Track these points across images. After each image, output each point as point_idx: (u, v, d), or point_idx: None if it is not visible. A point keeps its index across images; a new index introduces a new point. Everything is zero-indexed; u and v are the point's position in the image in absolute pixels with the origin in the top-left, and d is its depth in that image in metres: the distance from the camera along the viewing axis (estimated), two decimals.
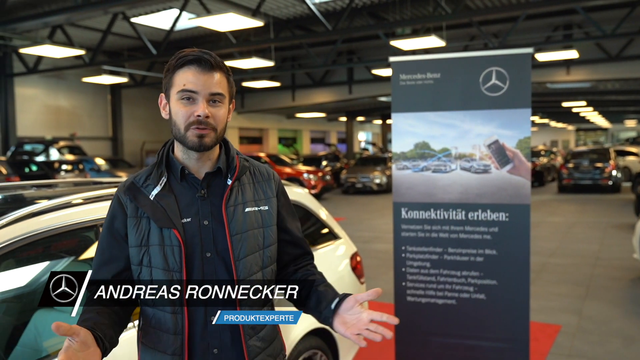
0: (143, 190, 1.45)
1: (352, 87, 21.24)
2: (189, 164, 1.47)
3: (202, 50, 1.42)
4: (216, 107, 1.42)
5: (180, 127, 1.41)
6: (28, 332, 1.91)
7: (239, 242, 1.43)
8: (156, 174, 1.47)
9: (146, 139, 22.33)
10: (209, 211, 1.44)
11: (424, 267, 3.37)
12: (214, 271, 1.42)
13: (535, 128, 47.14)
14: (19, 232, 1.79)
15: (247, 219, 1.46)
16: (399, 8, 13.33)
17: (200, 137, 1.39)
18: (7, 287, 1.94)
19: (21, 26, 11.42)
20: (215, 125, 1.41)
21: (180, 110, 1.40)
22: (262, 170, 1.58)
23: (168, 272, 1.39)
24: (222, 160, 1.49)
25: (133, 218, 1.43)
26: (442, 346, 3.37)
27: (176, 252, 1.39)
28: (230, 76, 1.47)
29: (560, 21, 15.44)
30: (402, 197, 3.40)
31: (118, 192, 1.49)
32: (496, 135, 3.21)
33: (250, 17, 10.32)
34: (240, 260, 1.43)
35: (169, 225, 1.40)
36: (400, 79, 3.36)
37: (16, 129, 17.51)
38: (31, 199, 2.37)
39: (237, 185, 1.49)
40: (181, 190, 1.46)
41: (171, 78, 1.42)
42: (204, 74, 1.39)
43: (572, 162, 17.19)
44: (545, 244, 8.61)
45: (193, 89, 1.39)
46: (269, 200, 1.54)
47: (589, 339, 4.47)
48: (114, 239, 1.45)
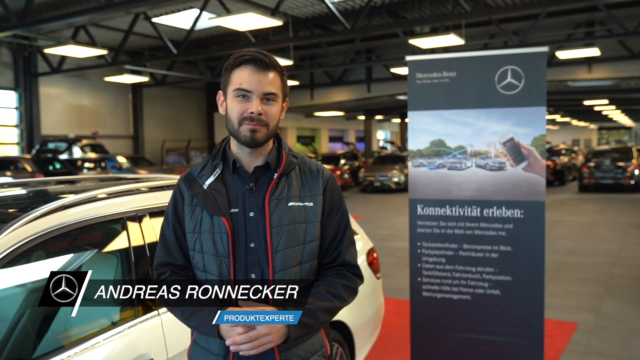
0: (198, 180, 1.56)
1: (370, 86, 21.24)
2: (242, 158, 1.56)
3: (258, 51, 1.50)
4: (269, 105, 1.50)
5: (234, 123, 1.50)
6: (58, 320, 2.01)
7: (278, 235, 1.49)
8: (211, 165, 1.57)
9: (166, 138, 22.60)
10: (255, 203, 1.51)
11: (440, 263, 3.42)
12: (256, 261, 1.49)
13: (556, 127, 46.57)
14: (49, 224, 1.88)
15: (289, 213, 1.51)
16: (417, 6, 13.31)
17: (253, 131, 1.48)
18: (39, 277, 2.04)
19: (45, 27, 11.67)
20: (268, 122, 1.49)
21: (235, 107, 1.49)
22: (312, 168, 1.62)
23: (217, 257, 1.48)
24: (272, 156, 1.56)
25: (189, 206, 1.54)
26: (457, 341, 3.41)
27: (224, 239, 1.48)
28: (284, 75, 1.55)
29: (582, 18, 15.24)
30: (418, 194, 3.44)
31: (179, 181, 1.61)
32: (511, 133, 3.24)
33: (270, 16, 10.42)
34: (278, 252, 1.48)
35: (219, 213, 1.49)
36: (416, 78, 3.41)
37: (40, 127, 17.88)
38: (60, 193, 2.47)
39: (285, 180, 1.55)
40: (232, 182, 1.55)
41: (228, 76, 1.51)
42: (258, 74, 1.48)
43: (593, 161, 16.98)
44: (565, 242, 8.56)
45: (248, 88, 1.47)
46: (314, 197, 1.57)
47: (605, 336, 4.46)
48: (177, 223, 1.56)
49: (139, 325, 1.96)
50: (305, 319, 1.44)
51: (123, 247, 2.08)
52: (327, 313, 1.51)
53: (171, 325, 2.04)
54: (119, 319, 1.97)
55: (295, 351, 1.50)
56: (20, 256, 1.78)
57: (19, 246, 1.75)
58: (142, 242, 2.11)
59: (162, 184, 2.47)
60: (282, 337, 1.43)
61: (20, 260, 1.81)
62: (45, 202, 1.96)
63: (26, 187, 2.77)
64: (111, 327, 1.91)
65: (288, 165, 1.56)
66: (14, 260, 1.75)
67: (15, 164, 13.73)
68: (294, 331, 1.43)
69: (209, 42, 17.56)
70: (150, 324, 1.99)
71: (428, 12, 13.67)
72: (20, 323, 1.91)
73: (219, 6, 12.47)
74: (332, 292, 1.53)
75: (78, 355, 1.77)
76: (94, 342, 1.83)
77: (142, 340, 1.94)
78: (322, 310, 1.49)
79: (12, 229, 1.75)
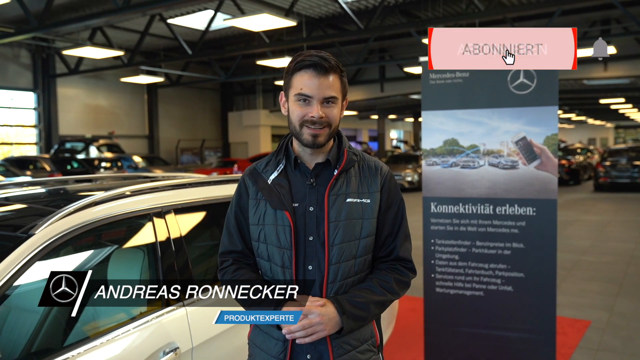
0: (263, 175, 1.65)
1: (384, 85, 21.27)
2: (303, 156, 1.64)
3: (318, 55, 1.57)
4: (329, 107, 1.57)
5: (296, 125, 1.58)
6: (87, 312, 2.11)
7: (336, 229, 1.57)
8: (274, 161, 1.67)
9: (181, 137, 22.83)
10: (315, 198, 1.60)
11: (453, 260, 3.48)
12: (314, 253, 1.58)
13: (571, 126, 46.12)
14: (81, 220, 1.97)
15: (347, 209, 1.59)
16: (431, 5, 13.33)
17: (314, 136, 1.56)
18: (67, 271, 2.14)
19: (63, 29, 11.88)
20: (330, 123, 1.57)
21: (296, 110, 1.57)
22: (371, 165, 1.69)
23: (280, 249, 1.58)
24: (332, 153, 1.64)
25: (254, 200, 1.64)
26: (470, 336, 3.47)
27: (287, 232, 1.57)
28: (343, 76, 1.62)
29: (598, 16, 15.14)
30: (432, 192, 3.51)
31: (243, 175, 1.71)
32: (524, 132, 3.30)
33: (283, 17, 10.52)
34: (334, 246, 1.56)
35: (282, 208, 1.58)
36: (430, 78, 3.47)
37: (58, 127, 18.18)
38: (87, 190, 2.58)
39: (344, 177, 1.62)
40: (294, 177, 1.64)
41: (290, 80, 1.59)
42: (318, 78, 1.54)
43: (609, 160, 16.84)
44: (579, 242, 8.55)
45: (308, 94, 1.55)
46: (372, 194, 1.63)
47: (619, 334, 4.49)
48: (242, 214, 1.67)
49: (166, 315, 2.06)
50: (358, 312, 1.54)
51: (149, 242, 2.18)
52: (379, 306, 1.59)
53: (195, 316, 2.14)
54: (147, 310, 2.07)
55: (346, 339, 1.58)
56: (54, 250, 1.87)
57: (53, 241, 1.85)
58: (167, 236, 2.21)
59: (184, 182, 2.56)
60: (335, 328, 1.52)
61: (54, 254, 1.91)
62: (75, 200, 2.06)
63: (54, 186, 2.88)
64: (140, 316, 2.01)
65: (348, 163, 1.64)
66: (48, 254, 1.85)
67: (35, 163, 14.00)
68: (347, 323, 1.52)
69: (223, 42, 17.72)
70: (176, 314, 2.09)
71: (442, 11, 13.68)
72: (51, 314, 2.02)
73: (233, 7, 12.60)
74: (385, 285, 1.61)
75: (109, 343, 1.87)
76: (124, 330, 1.93)
77: (168, 330, 2.03)
78: (375, 303, 1.57)
79: (47, 224, 1.85)
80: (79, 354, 1.78)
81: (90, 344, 1.83)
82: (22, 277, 1.76)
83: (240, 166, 16.88)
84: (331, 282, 1.56)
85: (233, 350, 2.27)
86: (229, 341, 2.26)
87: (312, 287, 1.56)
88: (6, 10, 12.80)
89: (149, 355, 1.92)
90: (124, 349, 1.89)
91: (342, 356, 1.57)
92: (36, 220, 1.89)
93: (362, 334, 1.62)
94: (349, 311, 1.53)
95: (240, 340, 2.31)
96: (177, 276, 2.17)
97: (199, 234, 2.64)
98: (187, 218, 2.43)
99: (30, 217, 2.02)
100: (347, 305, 1.53)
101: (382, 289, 1.60)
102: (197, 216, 2.57)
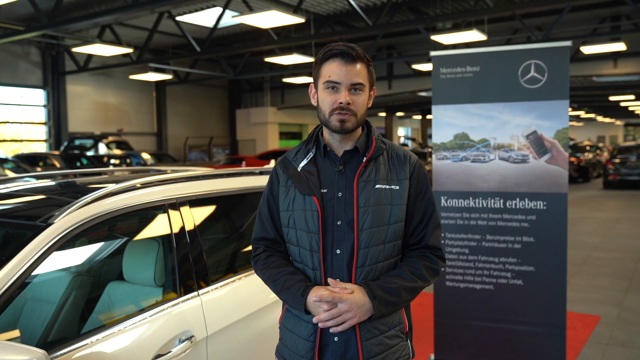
0: (293, 163, 1.71)
1: (391, 82, 21.24)
2: (332, 143, 1.69)
3: (346, 44, 1.63)
4: (357, 94, 1.62)
5: (326, 113, 1.62)
6: (102, 301, 2.15)
7: (365, 214, 1.60)
8: (304, 149, 1.72)
9: (189, 135, 22.90)
10: (344, 184, 1.63)
11: (463, 254, 3.49)
12: (342, 238, 1.61)
13: (580, 123, 45.81)
14: (97, 210, 2.00)
15: (375, 194, 1.62)
16: (439, 2, 13.30)
17: (342, 121, 1.60)
18: (82, 261, 2.18)
19: (73, 26, 11.93)
20: (356, 110, 1.61)
21: (325, 98, 1.62)
22: (400, 153, 1.72)
23: (309, 233, 1.61)
24: (361, 141, 1.68)
25: (284, 187, 1.70)
26: (480, 330, 3.49)
27: (315, 217, 1.61)
28: (371, 66, 1.67)
29: (608, 12, 15.05)
30: (442, 186, 3.52)
31: (275, 165, 1.77)
32: (534, 126, 3.30)
33: (292, 14, 10.53)
34: (363, 231, 1.59)
35: (310, 193, 1.62)
36: (440, 72, 3.49)
37: (68, 124, 18.30)
38: (103, 183, 2.62)
39: (373, 164, 1.66)
40: (323, 165, 1.68)
41: (318, 70, 1.65)
42: (346, 66, 1.60)
43: (618, 158, 16.77)
44: (589, 238, 8.52)
45: (336, 80, 1.60)
46: (401, 181, 1.66)
47: (629, 329, 4.48)
48: (273, 202, 1.73)
49: (181, 304, 2.09)
50: (389, 297, 1.56)
51: (164, 233, 2.21)
52: (410, 292, 1.62)
53: (210, 305, 2.17)
54: (162, 299, 2.11)
55: (375, 324, 1.60)
56: (71, 240, 1.90)
57: (71, 230, 1.88)
58: (182, 228, 2.24)
59: (197, 174, 2.59)
60: (367, 314, 1.54)
61: (71, 243, 1.94)
62: (92, 191, 2.08)
63: (70, 178, 2.92)
64: (156, 305, 2.04)
65: (377, 150, 1.67)
66: (66, 244, 1.88)
67: (44, 160, 14.09)
68: (378, 309, 1.54)
69: (231, 39, 17.76)
70: (191, 303, 2.12)
71: (450, 7, 13.65)
72: (68, 303, 2.06)
73: (241, 4, 12.63)
74: (415, 272, 1.63)
75: (126, 331, 1.90)
76: (140, 318, 1.96)
77: (183, 318, 2.06)
78: (405, 289, 1.60)
79: (65, 214, 1.88)
80: (97, 340, 1.81)
81: (106, 331, 1.86)
82: (41, 266, 1.79)
83: (248, 163, 16.90)
84: (360, 267, 1.59)
85: (247, 339, 2.30)
86: (243, 330, 2.28)
87: (341, 270, 1.59)
88: (16, 8, 12.89)
89: (165, 343, 1.95)
90: (140, 336, 1.92)
91: (370, 340, 1.59)
92: (54, 210, 1.92)
93: (391, 320, 1.64)
94: (379, 296, 1.55)
95: (254, 330, 2.34)
96: (191, 267, 2.20)
97: (212, 225, 2.67)
98: (201, 210, 2.45)
99: (49, 207, 2.05)
100: (378, 290, 1.55)
101: (413, 276, 1.62)
102: (211, 208, 2.60)
